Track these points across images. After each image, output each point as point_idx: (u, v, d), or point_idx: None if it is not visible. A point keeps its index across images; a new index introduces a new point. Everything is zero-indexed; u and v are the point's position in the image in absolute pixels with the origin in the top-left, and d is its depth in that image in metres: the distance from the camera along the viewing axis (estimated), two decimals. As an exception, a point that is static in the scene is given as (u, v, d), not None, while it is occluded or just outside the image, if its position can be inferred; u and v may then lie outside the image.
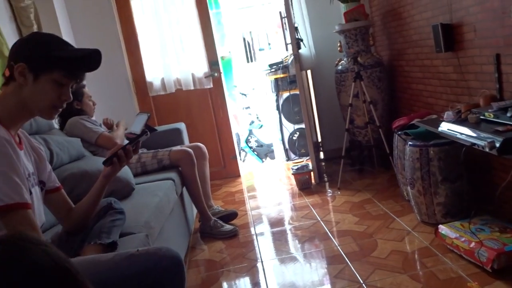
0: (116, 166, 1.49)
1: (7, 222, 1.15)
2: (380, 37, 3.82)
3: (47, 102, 1.27)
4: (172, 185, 2.49)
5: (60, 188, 1.50)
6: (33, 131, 2.32)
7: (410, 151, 2.41)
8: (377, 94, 3.51)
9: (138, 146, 1.51)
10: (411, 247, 2.24)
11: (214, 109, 4.08)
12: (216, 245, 2.65)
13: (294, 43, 3.51)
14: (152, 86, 3.98)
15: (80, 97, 2.83)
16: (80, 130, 2.72)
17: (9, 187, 1.15)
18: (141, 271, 1.27)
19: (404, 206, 2.74)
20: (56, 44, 1.28)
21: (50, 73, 1.24)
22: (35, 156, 1.40)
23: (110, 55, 3.77)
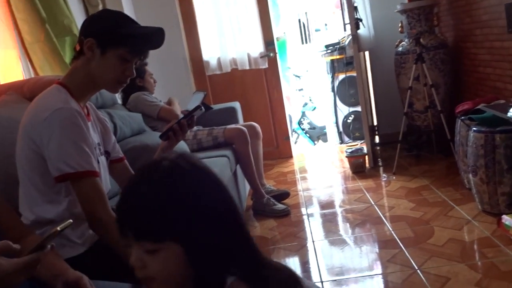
0: (172, 140, 1.54)
1: (77, 188, 1.22)
2: (445, 17, 3.63)
3: (112, 76, 1.33)
4: (226, 162, 2.54)
5: (123, 158, 1.57)
6: (98, 105, 2.44)
7: (474, 137, 2.29)
8: (439, 77, 3.35)
9: (193, 121, 1.54)
10: (471, 236, 2.15)
11: (269, 90, 4.08)
12: (267, 223, 2.69)
13: (352, 23, 3.42)
14: (208, 65, 4.04)
15: (142, 74, 2.94)
16: (142, 104, 2.84)
17: (80, 156, 1.21)
18: None
19: (464, 195, 2.62)
20: (124, 22, 1.33)
21: (116, 49, 1.29)
22: (101, 127, 1.47)
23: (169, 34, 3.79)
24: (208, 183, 0.72)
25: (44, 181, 1.24)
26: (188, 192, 0.68)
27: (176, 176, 0.70)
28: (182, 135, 1.52)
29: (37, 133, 1.22)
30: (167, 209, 0.66)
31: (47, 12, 2.38)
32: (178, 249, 0.67)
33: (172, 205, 0.67)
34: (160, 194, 0.67)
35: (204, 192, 0.70)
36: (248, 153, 2.82)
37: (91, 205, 1.22)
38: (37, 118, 1.22)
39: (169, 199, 0.67)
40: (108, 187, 1.43)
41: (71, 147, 1.21)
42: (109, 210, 1.24)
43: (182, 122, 1.50)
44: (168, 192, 0.67)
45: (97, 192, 1.23)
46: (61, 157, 1.19)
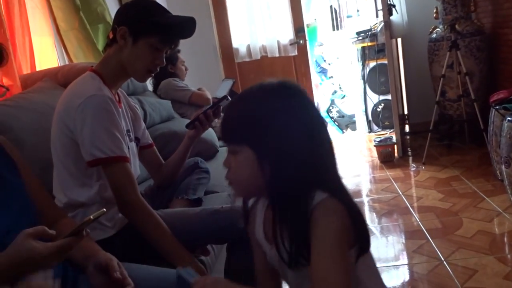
0: (199, 129, 1.57)
1: (108, 173, 1.27)
2: (483, 3, 3.49)
3: (142, 65, 1.36)
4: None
5: (152, 145, 1.61)
6: (129, 92, 2.50)
7: (509, 127, 2.22)
8: (474, 65, 3.24)
9: (219, 111, 1.57)
10: (501, 228, 2.10)
11: (298, 77, 4.07)
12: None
13: (385, 9, 3.34)
14: (238, 52, 4.05)
15: (174, 61, 2.99)
16: (173, 89, 2.89)
17: (111, 142, 1.26)
18: (224, 226, 1.34)
19: (496, 186, 2.56)
20: (156, 11, 1.35)
21: (148, 38, 1.32)
22: (132, 114, 1.51)
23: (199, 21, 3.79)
24: (295, 108, 0.80)
25: (76, 166, 1.29)
26: (270, 108, 0.79)
27: (262, 94, 0.83)
28: (209, 124, 1.55)
29: (71, 119, 1.26)
30: (246, 119, 0.81)
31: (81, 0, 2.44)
32: (252, 155, 0.79)
33: (252, 116, 0.80)
34: (247, 106, 0.83)
35: (288, 113, 0.79)
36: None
37: (121, 189, 1.26)
38: (71, 105, 1.27)
39: (250, 112, 0.81)
40: (138, 172, 1.47)
41: (103, 133, 1.25)
42: (138, 194, 1.28)
43: (208, 112, 1.53)
44: (252, 106, 0.82)
45: (127, 177, 1.28)
46: (93, 143, 1.24)
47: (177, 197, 1.66)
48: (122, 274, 0.96)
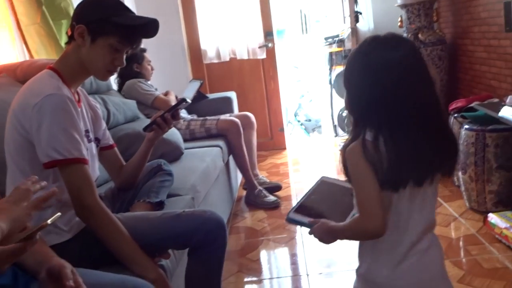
0: (158, 132, 1.55)
1: (65, 175, 1.23)
2: (445, 13, 3.62)
3: (101, 65, 1.32)
4: (219, 152, 2.55)
5: (113, 146, 1.58)
6: (93, 90, 2.44)
7: (466, 135, 2.31)
8: (435, 74, 3.35)
9: (177, 114, 1.56)
10: (457, 233, 2.18)
11: (266, 80, 4.08)
12: (258, 214, 2.71)
13: (352, 16, 3.41)
14: (206, 53, 4.03)
15: (140, 60, 2.94)
16: (137, 91, 2.84)
17: (69, 143, 1.22)
18: (186, 231, 1.33)
19: (453, 192, 2.65)
20: (117, 10, 1.31)
21: (107, 38, 1.28)
22: (92, 114, 1.48)
23: (168, 21, 3.83)
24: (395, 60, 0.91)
25: (31, 167, 1.24)
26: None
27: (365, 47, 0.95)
28: (168, 127, 1.53)
29: (27, 118, 1.22)
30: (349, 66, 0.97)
31: (43, -6, 2.37)
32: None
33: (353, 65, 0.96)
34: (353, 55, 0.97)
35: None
36: (240, 145, 2.84)
37: (78, 192, 1.23)
38: (27, 103, 1.22)
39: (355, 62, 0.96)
40: (97, 174, 1.44)
41: (61, 134, 1.21)
42: (96, 197, 1.25)
43: (166, 116, 1.52)
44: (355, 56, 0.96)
45: (85, 179, 1.24)
46: (50, 143, 1.20)
47: (138, 200, 1.63)
48: (76, 282, 0.94)
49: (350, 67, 0.97)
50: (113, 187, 1.67)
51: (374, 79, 0.90)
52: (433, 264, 0.95)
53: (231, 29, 3.92)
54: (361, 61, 0.94)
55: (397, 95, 0.89)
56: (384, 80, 0.89)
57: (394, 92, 0.89)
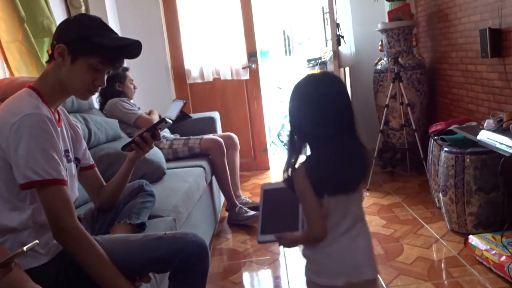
0: (139, 152, 1.53)
1: (43, 196, 1.19)
2: (423, 39, 3.72)
3: (80, 85, 1.30)
4: (202, 172, 2.53)
5: (93, 166, 1.55)
6: (74, 109, 2.41)
7: (445, 158, 2.35)
8: (415, 97, 3.43)
9: (156, 133, 1.54)
10: (438, 255, 2.19)
11: (249, 101, 4.10)
12: (240, 236, 2.68)
13: (334, 40, 3.48)
14: (190, 73, 4.04)
15: (123, 79, 2.92)
16: (119, 111, 2.81)
17: (48, 164, 1.18)
18: (167, 254, 1.30)
19: (434, 213, 2.67)
20: (98, 30, 1.30)
21: (87, 58, 1.27)
22: (72, 133, 1.45)
23: (152, 40, 3.85)
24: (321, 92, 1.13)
25: (8, 188, 1.21)
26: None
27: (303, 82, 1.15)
28: (148, 146, 1.52)
29: (4, 138, 1.19)
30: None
31: (26, 12, 2.34)
32: None
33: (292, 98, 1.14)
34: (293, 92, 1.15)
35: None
36: (223, 164, 2.82)
37: (56, 214, 1.19)
38: (5, 123, 1.20)
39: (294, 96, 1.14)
40: (76, 195, 1.41)
41: (39, 154, 1.18)
42: (75, 219, 1.22)
43: (145, 135, 1.50)
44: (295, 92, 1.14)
45: (63, 201, 1.21)
46: (27, 164, 1.16)
47: (119, 222, 1.59)
48: None
49: (292, 99, 1.15)
50: (92, 208, 1.63)
51: (312, 109, 1.10)
52: (359, 250, 1.14)
53: (215, 49, 3.95)
54: (301, 94, 1.14)
55: (327, 122, 1.10)
56: (319, 111, 1.10)
57: (326, 119, 1.10)
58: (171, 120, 3.19)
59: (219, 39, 3.93)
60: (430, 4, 3.44)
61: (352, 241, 1.13)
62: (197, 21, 3.93)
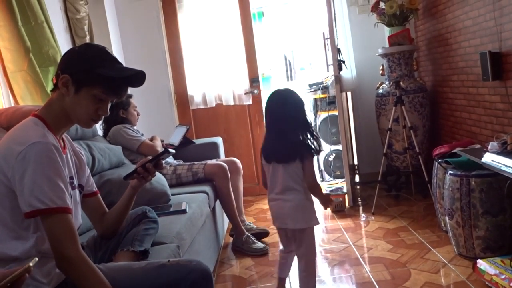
0: (141, 180, 1.53)
1: (47, 225, 1.18)
2: (424, 62, 3.76)
3: (84, 114, 1.32)
4: (205, 198, 2.52)
5: (96, 193, 1.55)
6: (78, 136, 2.43)
7: (450, 181, 2.33)
8: (418, 120, 3.43)
9: (160, 164, 1.54)
10: (447, 280, 2.14)
11: (252, 126, 4.12)
12: (245, 262, 2.64)
13: (335, 65, 3.51)
14: (193, 99, 4.07)
15: (126, 106, 2.95)
16: (123, 137, 2.82)
17: (53, 192, 1.18)
18: (171, 282, 1.28)
19: (441, 237, 2.64)
20: (103, 61, 1.31)
21: (91, 88, 1.28)
22: (76, 160, 1.45)
23: (155, 67, 3.90)
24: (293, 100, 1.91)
25: (12, 217, 1.20)
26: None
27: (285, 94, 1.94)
28: (151, 175, 1.52)
29: (10, 166, 1.19)
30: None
31: (32, 41, 2.39)
32: None
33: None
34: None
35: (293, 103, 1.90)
36: (228, 190, 2.81)
37: (60, 243, 1.18)
38: (11, 151, 1.20)
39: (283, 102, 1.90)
40: (79, 222, 1.40)
41: (44, 182, 1.18)
42: (79, 248, 1.20)
43: (148, 166, 1.51)
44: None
45: (68, 229, 1.20)
46: (33, 193, 1.16)
47: (122, 249, 1.58)
48: None
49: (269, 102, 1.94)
50: (95, 236, 1.62)
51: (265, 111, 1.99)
52: (286, 208, 1.90)
53: (217, 75, 4.00)
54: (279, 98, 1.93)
55: (268, 120, 1.98)
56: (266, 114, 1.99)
57: (267, 119, 1.98)
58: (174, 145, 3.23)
59: (222, 65, 3.98)
60: (430, 29, 3.49)
61: (283, 202, 1.90)
62: (200, 48, 3.99)
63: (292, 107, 1.86)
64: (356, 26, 3.90)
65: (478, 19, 2.66)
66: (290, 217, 1.87)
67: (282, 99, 1.87)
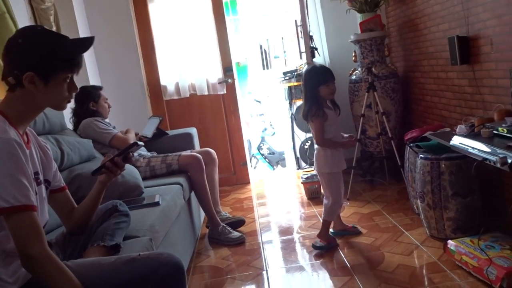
0: (110, 175, 1.50)
1: (11, 223, 1.15)
2: (395, 48, 3.79)
3: (60, 101, 1.31)
4: (179, 189, 2.50)
5: (64, 188, 1.51)
6: (45, 130, 2.36)
7: (421, 164, 2.37)
8: (390, 105, 3.47)
9: (128, 157, 1.52)
10: (419, 261, 2.19)
11: (227, 115, 4.10)
12: (222, 252, 2.65)
13: (308, 52, 3.51)
14: (166, 90, 4.02)
15: (96, 98, 2.88)
16: (94, 131, 2.76)
17: (16, 189, 1.15)
18: (141, 276, 1.27)
19: (413, 220, 2.69)
20: (55, 43, 1.26)
21: (60, 74, 1.26)
22: (42, 155, 1.41)
23: (126, 58, 3.83)
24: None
25: (-27, 216, 1.16)
26: None
27: None
28: (120, 169, 1.49)
29: None
30: None
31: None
32: None
33: None
34: None
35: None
36: (203, 181, 2.79)
37: (25, 242, 1.14)
38: None
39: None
40: (46, 218, 1.36)
41: (7, 180, 1.14)
42: (45, 247, 1.17)
43: (116, 159, 1.48)
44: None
45: (33, 227, 1.16)
46: None
47: (92, 244, 1.55)
48: None
49: None
50: (64, 232, 1.59)
51: None
52: None
53: (191, 65, 3.94)
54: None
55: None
56: None
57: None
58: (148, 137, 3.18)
59: (195, 54, 3.93)
60: (400, 14, 3.52)
61: None
62: (172, 38, 3.92)
63: (304, 81, 2.50)
64: (328, 13, 3.91)
65: (446, 3, 2.69)
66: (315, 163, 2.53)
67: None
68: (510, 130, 1.74)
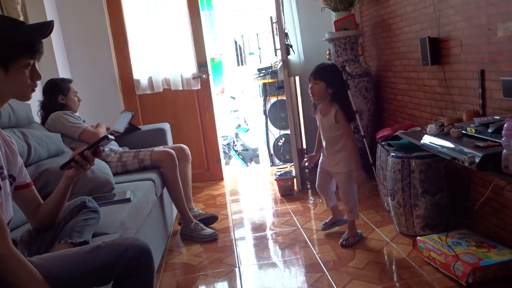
0: (78, 169, 1.46)
1: None
2: (369, 47, 3.84)
3: (24, 89, 1.27)
4: (151, 186, 2.45)
5: (30, 184, 1.46)
6: (11, 124, 2.28)
7: (392, 162, 2.42)
8: (363, 104, 3.52)
9: (98, 151, 1.48)
10: (389, 258, 2.23)
11: (201, 111, 4.06)
12: (194, 249, 2.62)
13: (283, 49, 3.51)
14: (139, 84, 3.95)
15: (66, 91, 2.80)
16: (62, 124, 2.68)
17: None
18: (106, 263, 1.24)
19: (384, 217, 2.74)
20: (13, 29, 1.22)
21: (19, 61, 1.22)
22: (6, 149, 1.36)
23: (97, 51, 3.73)
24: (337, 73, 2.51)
25: None
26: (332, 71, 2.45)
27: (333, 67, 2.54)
28: (90, 164, 1.45)
29: None
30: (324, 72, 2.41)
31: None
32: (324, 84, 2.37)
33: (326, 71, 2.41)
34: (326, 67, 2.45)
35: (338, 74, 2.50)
36: (176, 177, 2.75)
37: None
38: None
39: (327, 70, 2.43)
40: (10, 215, 1.31)
41: None
42: (9, 244, 1.13)
43: (86, 153, 1.44)
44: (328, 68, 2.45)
45: None
46: None
47: (59, 242, 1.50)
48: None
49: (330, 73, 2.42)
50: (30, 229, 1.53)
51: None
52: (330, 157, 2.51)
53: (164, 59, 3.89)
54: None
55: None
56: None
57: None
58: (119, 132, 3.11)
59: (169, 49, 3.88)
60: (374, 14, 3.56)
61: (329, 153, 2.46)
62: (145, 31, 3.85)
63: (337, 78, 2.49)
64: (303, 11, 3.92)
65: (418, 5, 2.74)
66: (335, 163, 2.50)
67: None
68: (478, 130, 1.78)
